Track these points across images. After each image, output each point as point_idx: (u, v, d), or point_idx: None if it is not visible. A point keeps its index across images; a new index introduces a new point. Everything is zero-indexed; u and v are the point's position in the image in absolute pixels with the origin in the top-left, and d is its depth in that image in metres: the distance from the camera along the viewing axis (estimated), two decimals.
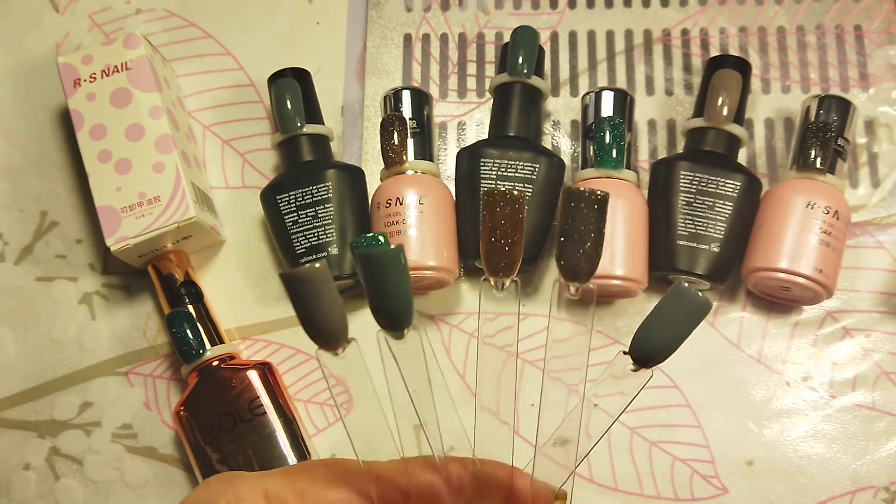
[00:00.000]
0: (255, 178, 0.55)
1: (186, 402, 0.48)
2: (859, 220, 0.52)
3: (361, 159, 0.55)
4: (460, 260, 0.50)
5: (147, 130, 0.50)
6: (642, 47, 0.56)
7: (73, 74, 0.51)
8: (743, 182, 0.48)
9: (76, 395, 0.51)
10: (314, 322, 0.28)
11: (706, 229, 0.48)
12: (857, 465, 0.48)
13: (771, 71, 0.56)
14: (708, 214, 0.48)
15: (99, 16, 0.59)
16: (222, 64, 0.57)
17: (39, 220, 0.55)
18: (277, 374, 0.50)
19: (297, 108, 0.51)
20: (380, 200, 0.50)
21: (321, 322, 0.28)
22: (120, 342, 0.52)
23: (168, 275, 0.50)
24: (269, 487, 0.31)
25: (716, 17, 0.57)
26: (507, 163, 0.49)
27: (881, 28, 0.56)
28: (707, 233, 0.48)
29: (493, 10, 0.58)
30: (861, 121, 0.54)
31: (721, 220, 0.48)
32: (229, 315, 0.52)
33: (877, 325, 0.50)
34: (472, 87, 0.57)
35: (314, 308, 0.27)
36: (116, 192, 0.49)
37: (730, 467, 0.48)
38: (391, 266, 0.27)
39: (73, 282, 0.53)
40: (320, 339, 0.29)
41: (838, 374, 0.50)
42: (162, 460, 0.50)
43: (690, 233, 0.48)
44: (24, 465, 0.50)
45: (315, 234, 0.49)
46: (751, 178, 0.49)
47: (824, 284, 0.47)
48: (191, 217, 0.48)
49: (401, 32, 0.58)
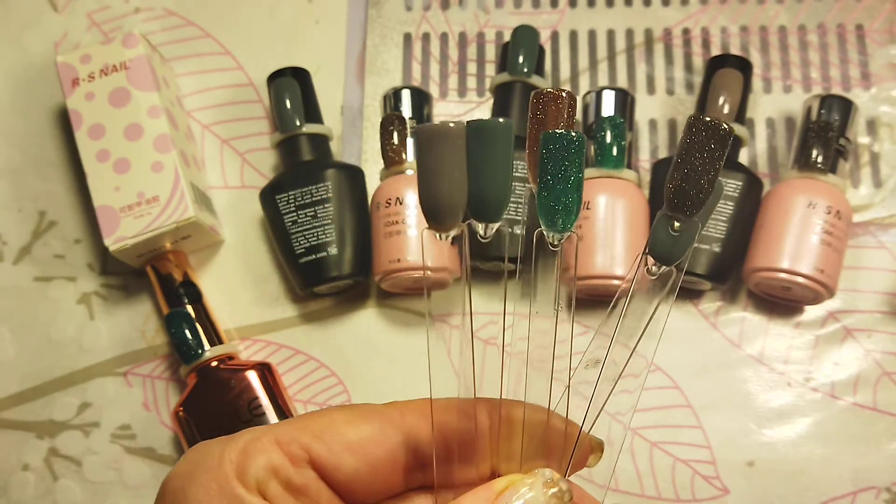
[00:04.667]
0: (255, 177, 0.55)
1: (185, 403, 0.47)
2: (861, 220, 0.52)
3: (361, 159, 0.55)
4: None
5: (146, 130, 0.50)
6: (643, 46, 0.56)
7: (71, 74, 0.51)
8: (744, 182, 0.48)
9: (75, 395, 0.51)
10: (438, 187, 0.25)
11: (707, 229, 0.48)
12: (858, 466, 0.48)
13: (772, 70, 0.55)
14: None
15: (97, 15, 0.58)
16: (221, 63, 0.57)
17: (38, 220, 0.54)
18: (277, 374, 0.50)
19: (297, 107, 0.51)
20: (379, 200, 0.49)
21: (447, 188, 0.25)
22: (119, 342, 0.52)
23: (167, 275, 0.50)
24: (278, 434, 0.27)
25: (717, 16, 0.57)
26: None
27: (883, 27, 0.56)
28: (708, 233, 0.48)
29: (493, 9, 0.58)
30: (863, 120, 0.54)
31: (722, 220, 0.48)
32: (228, 315, 0.52)
33: (878, 326, 0.50)
34: (472, 87, 0.56)
35: (443, 171, 0.25)
36: (115, 191, 0.49)
37: (731, 468, 0.48)
38: (502, 140, 0.25)
39: (71, 282, 0.53)
40: (437, 209, 0.25)
41: (840, 374, 0.50)
42: (161, 461, 0.50)
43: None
44: (23, 466, 0.50)
45: (314, 233, 0.49)
46: (752, 178, 0.48)
47: (826, 284, 0.47)
48: (190, 217, 0.48)
49: (401, 31, 0.57)
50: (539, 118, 0.27)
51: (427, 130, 0.25)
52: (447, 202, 0.25)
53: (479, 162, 0.25)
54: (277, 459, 0.27)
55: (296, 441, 0.27)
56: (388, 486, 0.29)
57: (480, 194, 0.25)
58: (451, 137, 0.25)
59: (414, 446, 0.29)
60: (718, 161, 0.25)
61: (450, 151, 0.25)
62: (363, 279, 0.50)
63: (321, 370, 0.51)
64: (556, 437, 0.29)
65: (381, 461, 0.28)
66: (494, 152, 0.25)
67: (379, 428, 0.29)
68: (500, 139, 0.25)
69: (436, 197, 0.25)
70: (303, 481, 0.27)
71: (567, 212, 0.26)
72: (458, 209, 0.26)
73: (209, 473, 0.26)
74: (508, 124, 0.25)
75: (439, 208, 0.26)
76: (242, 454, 0.27)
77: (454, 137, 0.25)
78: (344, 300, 0.52)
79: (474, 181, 0.25)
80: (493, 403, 0.30)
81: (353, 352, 0.51)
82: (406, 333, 0.52)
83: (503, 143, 0.25)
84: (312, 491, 0.27)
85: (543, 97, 0.26)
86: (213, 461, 0.27)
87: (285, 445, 0.27)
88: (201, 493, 0.26)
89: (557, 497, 0.27)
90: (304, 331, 0.52)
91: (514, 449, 0.29)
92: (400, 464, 0.29)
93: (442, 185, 0.25)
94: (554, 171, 0.25)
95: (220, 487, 0.26)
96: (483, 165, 0.25)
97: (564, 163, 0.25)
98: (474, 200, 0.26)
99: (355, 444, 0.28)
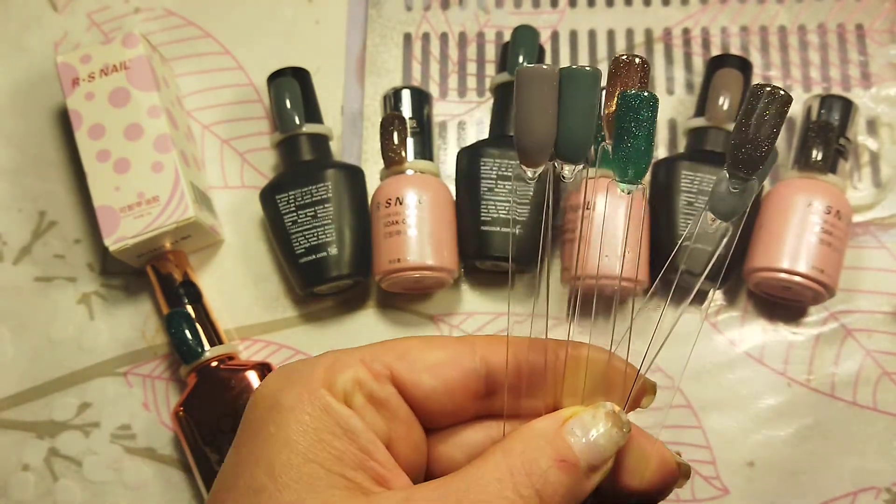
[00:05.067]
0: (255, 177, 0.55)
1: (185, 403, 0.47)
2: (861, 220, 0.52)
3: (361, 159, 0.55)
4: (460, 260, 0.50)
5: (146, 130, 0.50)
6: (643, 46, 0.56)
7: (71, 74, 0.51)
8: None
9: (75, 395, 0.51)
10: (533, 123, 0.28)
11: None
12: (858, 466, 0.48)
13: (772, 70, 0.55)
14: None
15: (97, 15, 0.58)
16: (221, 63, 0.57)
17: (38, 220, 0.54)
18: None
19: (297, 107, 0.51)
20: (379, 200, 0.49)
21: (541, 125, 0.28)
22: (119, 342, 0.52)
23: (167, 275, 0.50)
24: (362, 353, 0.30)
25: (717, 15, 0.57)
26: (507, 162, 0.49)
27: (883, 27, 0.56)
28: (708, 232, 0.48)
29: (493, 9, 0.58)
30: (863, 120, 0.54)
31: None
32: (228, 315, 0.52)
33: (879, 326, 0.50)
34: (472, 87, 0.56)
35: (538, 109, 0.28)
36: (115, 191, 0.49)
37: (731, 468, 0.48)
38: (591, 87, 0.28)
39: (71, 282, 0.53)
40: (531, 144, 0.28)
41: (840, 374, 0.50)
42: (161, 461, 0.50)
43: (692, 232, 0.48)
44: (23, 466, 0.50)
45: (314, 233, 0.49)
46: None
47: (825, 284, 0.47)
48: (190, 217, 0.48)
49: (401, 31, 0.57)
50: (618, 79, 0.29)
51: (527, 71, 0.28)
52: (540, 138, 0.28)
53: (568, 104, 0.28)
54: (362, 374, 0.29)
55: (378, 359, 0.30)
56: (460, 409, 0.31)
57: (568, 134, 0.28)
58: (547, 79, 0.27)
59: (485, 374, 0.31)
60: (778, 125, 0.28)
61: (546, 91, 0.28)
62: (363, 279, 0.50)
63: None
64: (616, 376, 0.31)
65: (456, 383, 0.30)
66: (583, 96, 0.28)
67: (454, 353, 0.31)
68: (589, 85, 0.28)
69: (531, 132, 0.28)
70: (384, 395, 0.29)
71: (639, 162, 0.29)
72: (548, 146, 0.29)
73: (300, 384, 0.28)
74: (597, 72, 0.28)
75: (533, 144, 0.28)
76: (330, 369, 0.29)
77: (550, 79, 0.27)
78: (344, 300, 0.52)
79: (563, 122, 0.28)
80: (559, 343, 0.32)
81: None
82: (406, 333, 0.52)
83: (591, 89, 0.28)
84: (393, 405, 0.29)
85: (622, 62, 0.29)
86: (304, 374, 0.29)
87: (369, 363, 0.29)
88: (293, 400, 0.28)
89: (618, 427, 0.29)
90: (304, 331, 0.52)
91: (577, 385, 0.31)
92: (471, 389, 0.31)
93: (537, 122, 0.28)
94: (628, 126, 0.28)
95: (311, 395, 0.28)
96: (572, 108, 0.28)
97: (638, 117, 0.28)
98: (562, 140, 0.29)
99: (432, 364, 0.30)
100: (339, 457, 0.27)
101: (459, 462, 0.31)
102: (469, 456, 0.31)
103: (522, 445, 0.28)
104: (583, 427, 0.29)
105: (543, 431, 0.29)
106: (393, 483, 0.28)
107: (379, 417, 0.29)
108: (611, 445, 0.29)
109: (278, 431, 0.27)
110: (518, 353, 0.31)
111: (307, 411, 0.27)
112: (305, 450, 0.27)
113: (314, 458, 0.27)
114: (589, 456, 0.28)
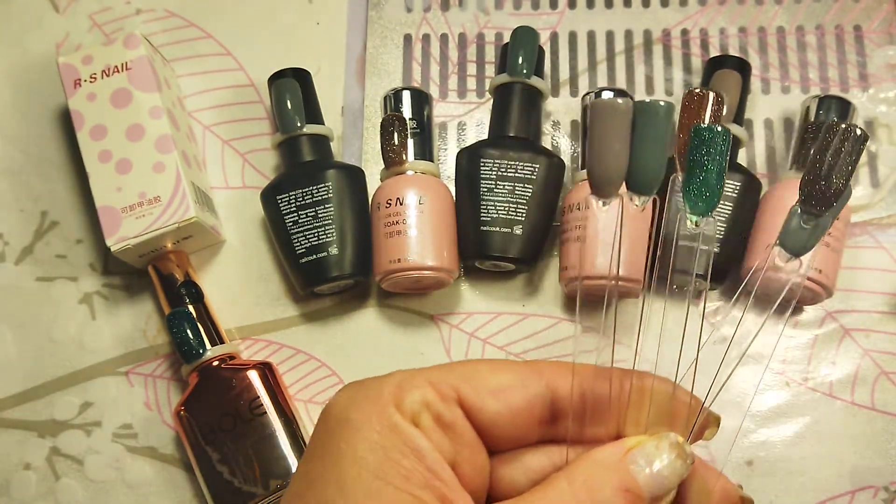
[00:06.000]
0: (256, 178, 0.55)
1: (187, 402, 0.48)
2: (859, 221, 0.52)
3: (361, 159, 0.55)
4: (460, 260, 0.50)
5: (147, 130, 0.50)
6: (642, 47, 0.57)
7: (73, 74, 0.51)
8: (742, 182, 0.48)
9: (76, 394, 0.51)
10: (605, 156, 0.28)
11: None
12: (856, 465, 0.48)
13: (770, 71, 0.56)
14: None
15: (99, 16, 0.59)
16: (222, 64, 0.57)
17: (40, 220, 0.55)
18: (278, 374, 0.50)
19: (297, 108, 0.51)
20: (380, 200, 0.50)
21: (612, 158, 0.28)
22: (120, 342, 0.52)
23: (168, 275, 0.50)
24: (429, 374, 0.30)
25: (715, 17, 0.57)
26: (507, 163, 0.49)
27: (881, 28, 0.56)
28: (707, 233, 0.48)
29: (492, 10, 0.58)
30: (861, 121, 0.54)
31: (721, 220, 0.48)
32: (229, 315, 0.52)
33: (877, 325, 0.50)
34: (472, 88, 0.57)
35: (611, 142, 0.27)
36: (117, 192, 0.49)
37: (730, 467, 0.48)
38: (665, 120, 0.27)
39: (73, 282, 0.53)
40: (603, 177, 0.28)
41: (838, 373, 0.50)
42: (162, 460, 0.50)
43: (691, 233, 0.48)
44: (25, 465, 0.50)
45: (315, 234, 0.49)
46: (750, 179, 0.49)
47: (824, 284, 0.47)
48: (191, 217, 0.48)
49: (401, 32, 0.58)
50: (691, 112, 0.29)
51: (601, 105, 0.28)
52: (612, 172, 0.28)
53: (642, 138, 0.28)
54: (430, 395, 0.29)
55: (446, 381, 0.30)
56: (524, 433, 0.31)
57: (641, 168, 0.28)
58: (620, 113, 0.27)
59: (550, 399, 0.31)
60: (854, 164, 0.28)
61: (619, 125, 0.28)
62: (364, 279, 0.51)
63: (322, 370, 0.51)
64: (680, 408, 0.31)
65: (521, 408, 0.30)
66: (656, 131, 0.28)
67: (520, 378, 0.31)
68: (662, 119, 0.28)
69: (604, 165, 0.28)
70: (451, 417, 0.29)
71: (711, 196, 0.29)
72: (620, 178, 0.28)
73: (368, 401, 0.29)
74: (671, 106, 0.28)
75: (606, 177, 0.28)
76: (398, 388, 0.29)
77: (623, 113, 0.27)
78: (344, 300, 0.53)
79: (636, 156, 0.28)
80: (625, 372, 0.32)
81: (353, 351, 0.52)
82: (406, 333, 0.52)
83: (664, 123, 0.28)
84: (459, 427, 0.29)
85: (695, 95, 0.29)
86: (373, 392, 0.29)
87: (436, 384, 0.29)
88: (363, 417, 0.28)
89: (682, 458, 0.29)
90: (305, 330, 0.52)
91: (641, 415, 0.31)
92: (536, 414, 0.31)
93: (609, 156, 0.28)
94: (700, 159, 0.28)
95: (380, 413, 0.28)
96: (645, 141, 0.28)
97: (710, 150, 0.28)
98: (634, 173, 0.28)
99: (498, 388, 0.30)
100: (406, 476, 0.27)
101: (521, 486, 0.31)
102: (531, 480, 0.31)
103: (586, 473, 0.28)
104: (647, 457, 0.29)
105: (607, 460, 0.29)
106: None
107: (445, 439, 0.29)
108: (674, 477, 0.29)
109: (348, 448, 0.27)
110: (583, 381, 0.31)
111: (376, 429, 0.28)
112: (375, 467, 0.27)
113: (383, 476, 0.27)
114: (652, 486, 0.28)
